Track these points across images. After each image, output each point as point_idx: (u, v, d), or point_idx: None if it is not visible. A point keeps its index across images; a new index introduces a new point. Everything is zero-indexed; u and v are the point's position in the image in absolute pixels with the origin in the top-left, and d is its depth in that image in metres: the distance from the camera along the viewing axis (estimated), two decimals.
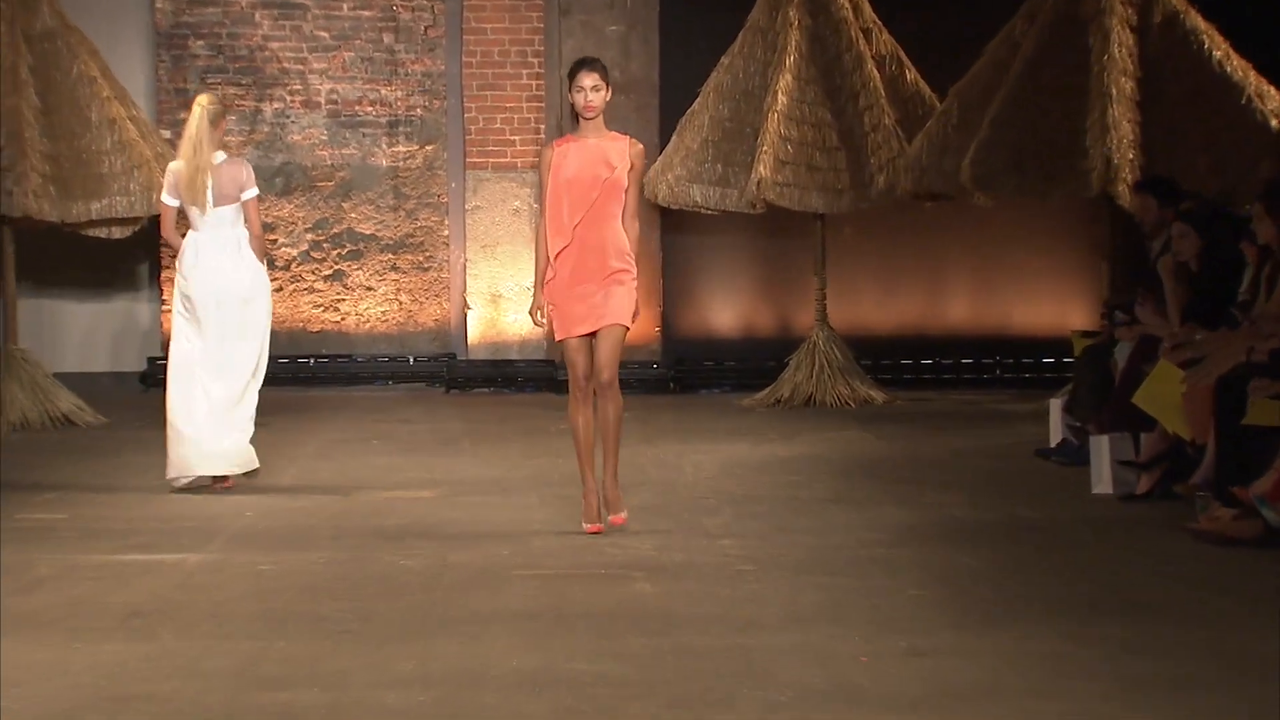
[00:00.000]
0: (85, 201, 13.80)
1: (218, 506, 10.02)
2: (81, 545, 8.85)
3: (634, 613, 7.29)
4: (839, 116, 14.92)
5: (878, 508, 9.88)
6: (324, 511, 9.91)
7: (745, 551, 8.66)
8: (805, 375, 14.87)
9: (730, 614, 7.33)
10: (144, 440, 12.82)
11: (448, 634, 7.00)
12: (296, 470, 11.43)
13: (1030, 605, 7.46)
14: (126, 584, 7.99)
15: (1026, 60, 13.58)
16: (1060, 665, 6.49)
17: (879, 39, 15.04)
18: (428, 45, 16.34)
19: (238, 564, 8.44)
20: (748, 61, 15.13)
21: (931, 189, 14.27)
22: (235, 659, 6.65)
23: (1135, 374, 10.16)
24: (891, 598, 7.63)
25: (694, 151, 15.08)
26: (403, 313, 16.38)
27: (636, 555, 8.46)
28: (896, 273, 16.34)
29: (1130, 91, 13.27)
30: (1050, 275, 16.21)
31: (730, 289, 16.46)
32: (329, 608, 7.49)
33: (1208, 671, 6.41)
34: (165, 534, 9.22)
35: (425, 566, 8.35)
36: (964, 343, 16.24)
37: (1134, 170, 12.88)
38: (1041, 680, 6.30)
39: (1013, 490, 10.48)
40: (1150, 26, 13.54)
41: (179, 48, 16.21)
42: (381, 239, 16.32)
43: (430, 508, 10.06)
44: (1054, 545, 8.86)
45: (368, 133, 16.34)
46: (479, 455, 12.14)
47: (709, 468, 11.44)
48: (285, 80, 16.29)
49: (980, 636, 6.90)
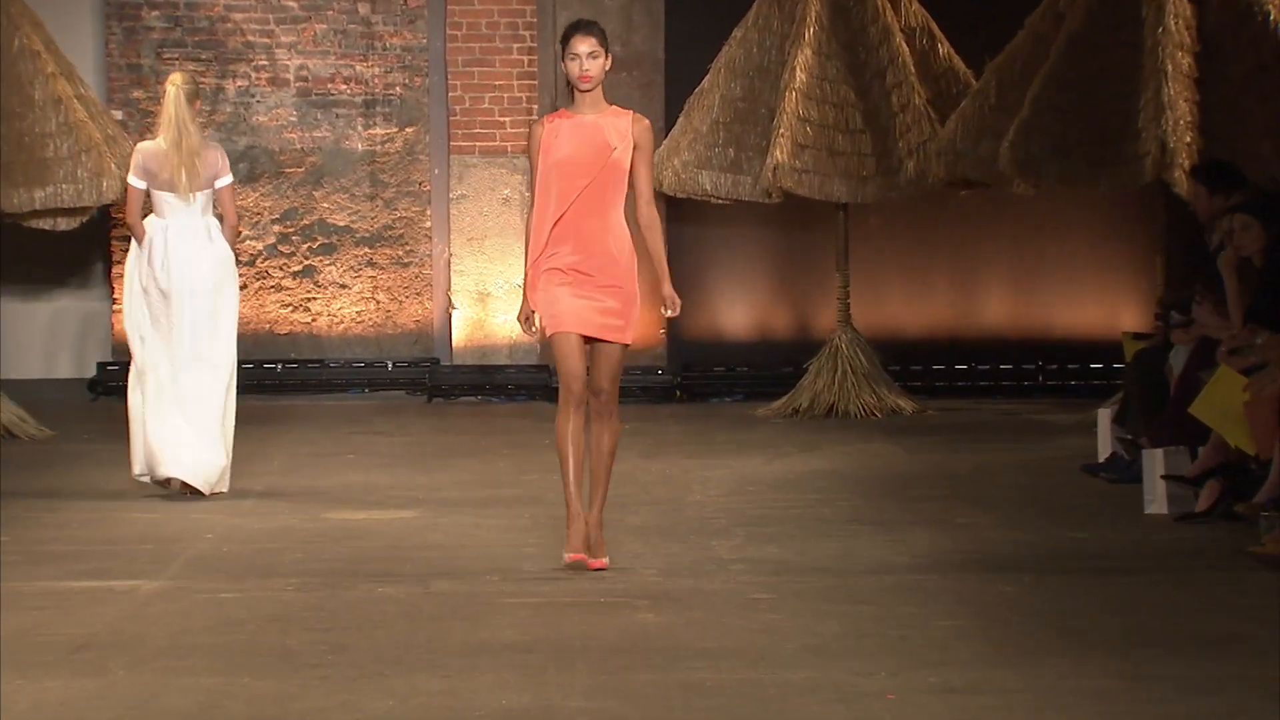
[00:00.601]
0: (28, 190, 13.80)
1: (175, 527, 10.03)
2: (24, 571, 8.85)
3: (637, 645, 7.30)
4: (864, 95, 14.94)
5: (906, 529, 9.89)
6: (293, 534, 9.92)
7: (759, 578, 8.67)
8: (826, 382, 14.89)
9: (743, 647, 7.35)
10: (93, 454, 12.83)
11: (430, 669, 7.02)
12: (263, 488, 11.44)
13: (1075, 639, 7.47)
14: (74, 614, 8.00)
15: (1072, 33, 13.61)
16: (1109, 706, 6.50)
17: (908, 9, 15.07)
18: (408, 17, 16.37)
19: (197, 592, 8.45)
20: (763, 34, 15.16)
21: (967, 175, 14.29)
22: (195, 697, 6.66)
23: (1193, 381, 10.17)
24: (921, 629, 7.64)
25: (703, 134, 15.11)
26: (380, 313, 16.41)
27: (639, 582, 8.47)
28: (927, 269, 16.36)
29: (1188, 68, 13.28)
30: (1098, 271, 16.23)
31: (743, 287, 16.48)
32: (299, 640, 7.50)
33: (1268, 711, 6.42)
34: (117, 558, 9.22)
35: (405, 594, 8.36)
36: (1002, 346, 16.26)
37: (1191, 155, 12.88)
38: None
39: (1056, 510, 10.49)
40: None
41: (131, 19, 16.24)
42: (357, 231, 16.36)
43: (410, 529, 10.07)
44: (1102, 571, 8.87)
45: (341, 113, 16.38)
46: (464, 471, 12.15)
47: (719, 485, 11.45)
48: (250, 55, 16.32)
49: (1019, 673, 6.92)
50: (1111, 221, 16.01)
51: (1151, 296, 14.33)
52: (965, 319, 16.39)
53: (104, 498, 11.07)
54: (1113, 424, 11.56)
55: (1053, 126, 13.46)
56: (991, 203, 15.58)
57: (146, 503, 10.86)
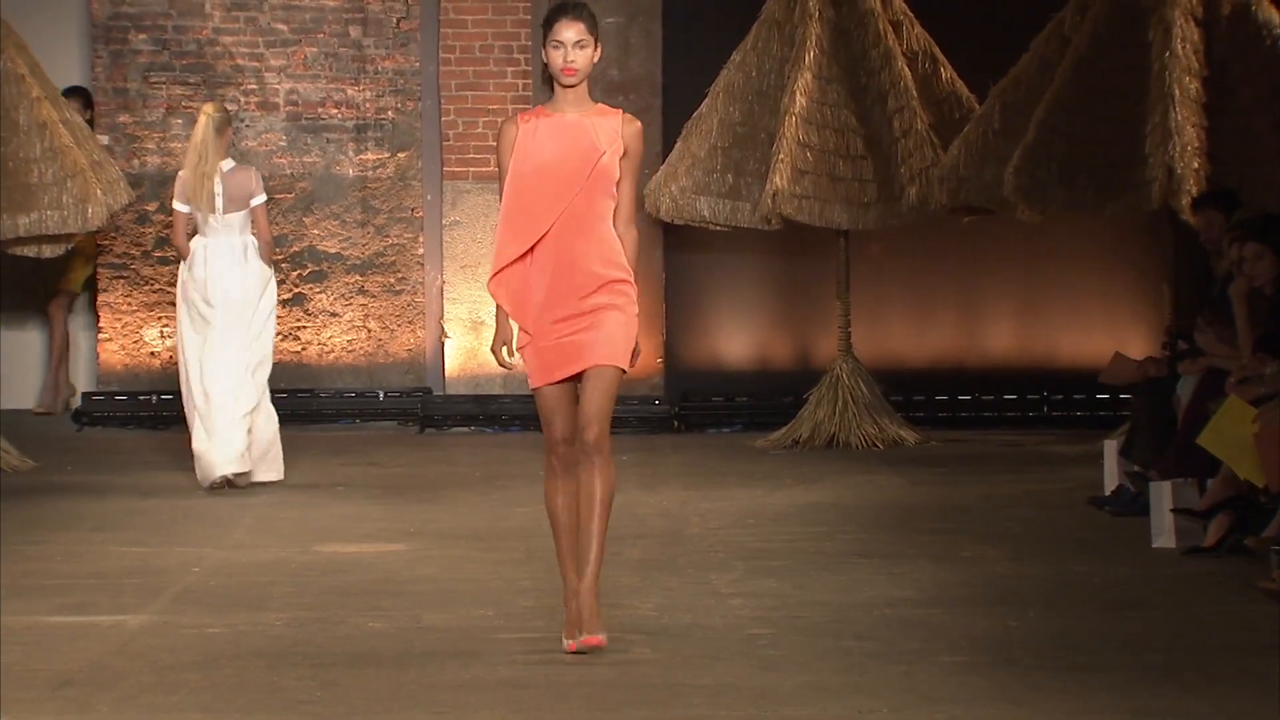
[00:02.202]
0: (11, 216, 13.76)
1: (161, 561, 10.02)
2: (6, 605, 8.83)
3: (634, 682, 7.28)
4: (865, 120, 14.95)
5: (910, 563, 9.88)
6: (282, 567, 9.90)
7: (760, 613, 8.66)
8: (827, 413, 14.88)
9: (743, 684, 7.34)
10: (78, 486, 12.81)
11: (422, 707, 7.00)
12: (251, 520, 11.43)
13: (1084, 675, 7.46)
14: (58, 649, 7.98)
15: (1078, 57, 13.61)
16: None
17: (910, 33, 15.08)
18: (400, 40, 16.39)
19: (184, 626, 8.43)
20: (762, 58, 15.16)
21: (970, 202, 14.29)
22: None
23: (1200, 412, 10.17)
24: (925, 665, 7.63)
25: (701, 160, 15.11)
26: (372, 342, 16.40)
27: (636, 617, 8.46)
28: (930, 297, 16.37)
29: (1196, 93, 13.28)
30: (1104, 300, 16.23)
31: (742, 315, 16.48)
32: (288, 677, 7.49)
33: None
34: (102, 591, 9.20)
35: (396, 630, 8.35)
36: (1007, 376, 16.25)
37: (1200, 182, 12.88)
38: None
39: (1063, 543, 10.48)
40: (1218, 19, 13.57)
41: (118, 42, 16.26)
42: (348, 258, 16.36)
43: (402, 563, 10.06)
44: (1109, 606, 8.86)
45: (332, 138, 16.38)
46: (458, 503, 12.13)
47: (718, 517, 11.44)
48: (239, 79, 16.33)
49: (1025, 710, 6.91)
50: (1118, 249, 16.01)
51: (1159, 325, 14.33)
52: (969, 348, 16.39)
53: (89, 530, 11.05)
54: (1119, 455, 11.56)
55: (1058, 152, 13.46)
56: (996, 230, 15.58)
57: (132, 535, 10.85)
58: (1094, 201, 13.60)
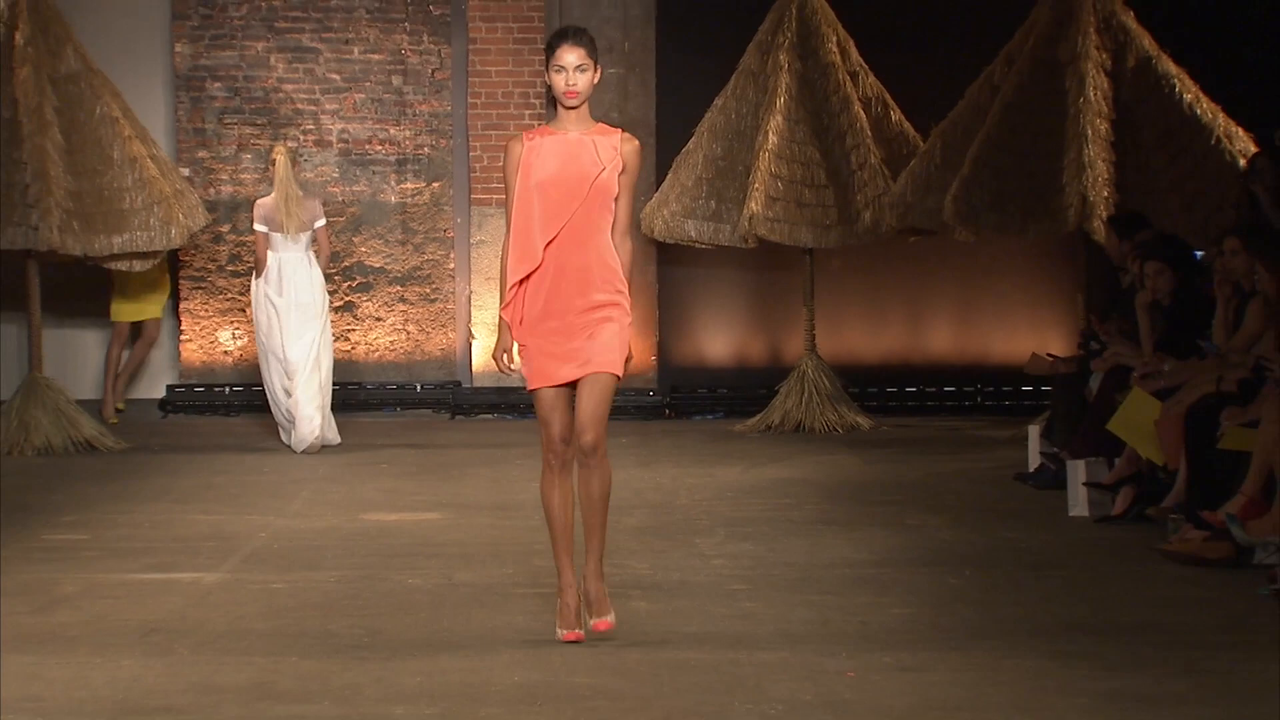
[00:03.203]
0: (107, 236, 13.77)
1: (233, 527, 10.00)
2: (102, 564, 8.82)
3: (631, 630, 7.27)
4: (827, 155, 14.92)
5: (865, 529, 9.86)
6: (335, 532, 9.90)
7: (737, 571, 8.65)
8: (795, 402, 14.86)
9: (723, 631, 7.32)
10: (162, 464, 12.81)
11: (453, 650, 6.99)
12: (308, 493, 11.42)
13: (1011, 624, 7.45)
14: (145, 601, 7.98)
15: (1006, 103, 13.60)
16: (1041, 682, 6.48)
17: (865, 82, 15.05)
18: (434, 87, 16.35)
19: (252, 583, 8.43)
20: (740, 103, 15.14)
21: (915, 225, 14.27)
22: (249, 674, 6.64)
23: (1108, 401, 10.16)
24: (878, 616, 7.61)
25: (689, 188, 15.09)
26: (410, 342, 16.36)
27: (633, 574, 8.45)
28: (882, 304, 16.35)
29: (1105, 133, 13.28)
30: (1028, 307, 16.21)
31: (723, 319, 16.45)
32: (339, 625, 7.48)
33: (1181, 688, 6.40)
34: (182, 553, 9.20)
35: (432, 585, 8.33)
36: (946, 371, 16.24)
37: (1108, 208, 12.89)
38: (1023, 696, 6.28)
39: (993, 513, 10.47)
40: (1124, 71, 13.57)
41: (197, 89, 16.22)
42: (390, 272, 16.32)
43: (436, 529, 10.05)
44: (1033, 566, 8.85)
45: (377, 170, 16.35)
46: (483, 478, 12.12)
47: (703, 491, 11.43)
48: (299, 120, 16.29)
49: (963, 653, 6.89)
50: (1040, 264, 15.98)
51: (1073, 329, 14.30)
52: (914, 347, 16.37)
53: (172, 501, 11.05)
54: (1041, 438, 11.54)
55: (989, 182, 13.45)
56: (937, 248, 15.56)
57: (208, 506, 10.85)
58: (1019, 224, 13.59)
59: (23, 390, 13.58)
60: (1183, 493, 9.22)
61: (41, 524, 10.08)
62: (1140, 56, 13.61)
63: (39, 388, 13.61)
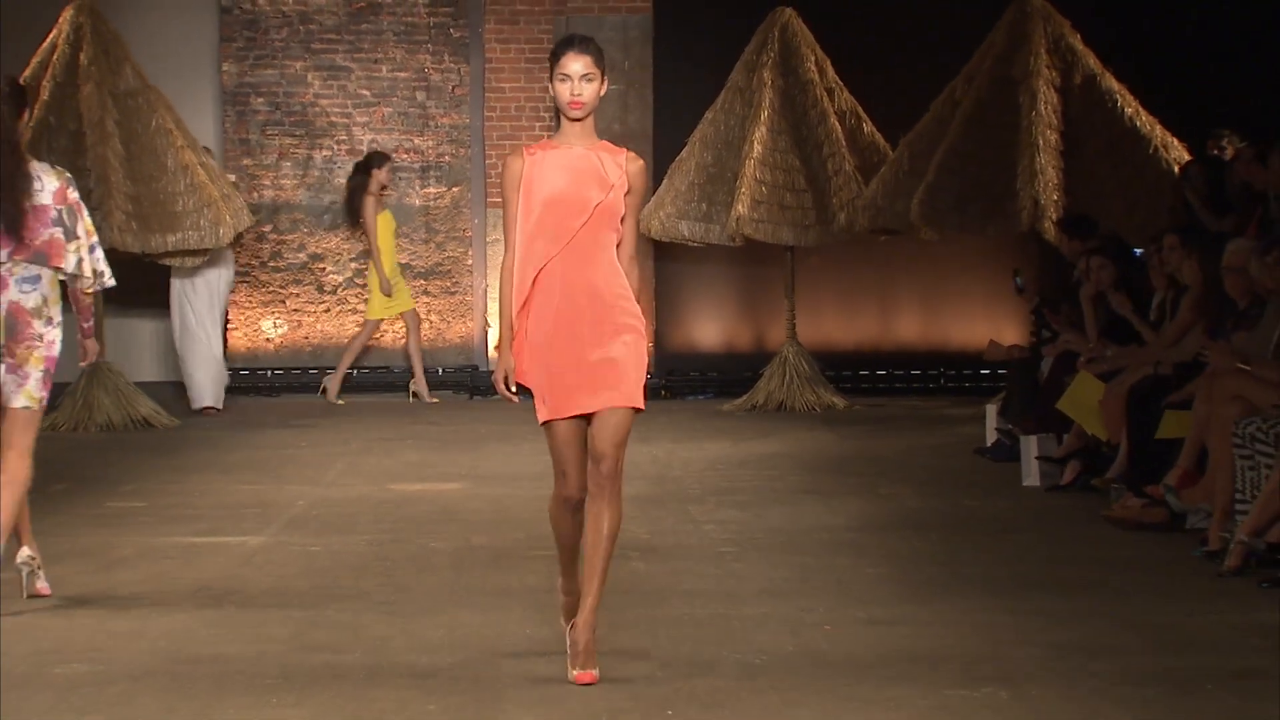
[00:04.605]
0: (162, 235, 13.78)
1: (275, 495, 10.00)
2: (157, 529, 8.82)
3: (632, 587, 7.28)
4: (806, 163, 14.90)
5: (840, 498, 9.87)
6: (366, 500, 9.90)
7: (726, 535, 8.65)
8: (777, 384, 14.85)
9: (713, 589, 7.32)
10: (212, 439, 12.81)
11: (471, 606, 6.99)
12: (342, 465, 11.43)
13: (970, 582, 7.46)
14: (196, 562, 7.98)
15: (966, 116, 13.58)
16: (997, 633, 6.48)
17: (840, 97, 15.03)
18: (454, 102, 16.32)
19: (292, 545, 8.43)
20: (728, 116, 15.11)
21: (885, 225, 14.25)
22: (290, 627, 6.64)
23: (1058, 383, 10.16)
24: (852, 575, 7.62)
25: (682, 193, 15.07)
26: (433, 330, 16.34)
27: (634, 538, 8.45)
28: (855, 296, 16.33)
29: (1055, 143, 13.28)
30: (986, 299, 16.19)
31: (713, 310, 16.44)
32: (370, 583, 7.48)
33: (1122, 639, 6.41)
34: (229, 519, 9.20)
35: (452, 548, 8.34)
36: (913, 356, 16.22)
37: (1057, 210, 12.89)
38: (981, 646, 6.29)
39: (955, 483, 10.48)
40: (1072, 87, 13.57)
41: (242, 104, 16.19)
42: (415, 267, 16.30)
43: (456, 498, 10.05)
44: (991, 530, 8.86)
45: (403, 176, 16.32)
46: (498, 453, 12.13)
47: (695, 463, 11.43)
48: (333, 132, 16.26)
49: (928, 608, 6.90)
50: (997, 260, 15.95)
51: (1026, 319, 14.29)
52: (884, 335, 16.35)
53: (219, 472, 11.05)
54: (997, 416, 11.54)
55: (951, 187, 13.43)
56: (905, 246, 15.54)
57: (252, 476, 10.84)
58: (978, 224, 13.58)
59: (86, 374, 13.58)
60: (1124, 465, 9.23)
61: (103, 493, 10.09)
62: (1086, 74, 13.61)
63: (101, 371, 13.61)
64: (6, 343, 6.71)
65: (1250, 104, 14.30)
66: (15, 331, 6.72)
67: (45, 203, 6.77)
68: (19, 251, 6.71)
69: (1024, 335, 13.44)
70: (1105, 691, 5.66)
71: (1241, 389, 7.96)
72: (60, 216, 6.81)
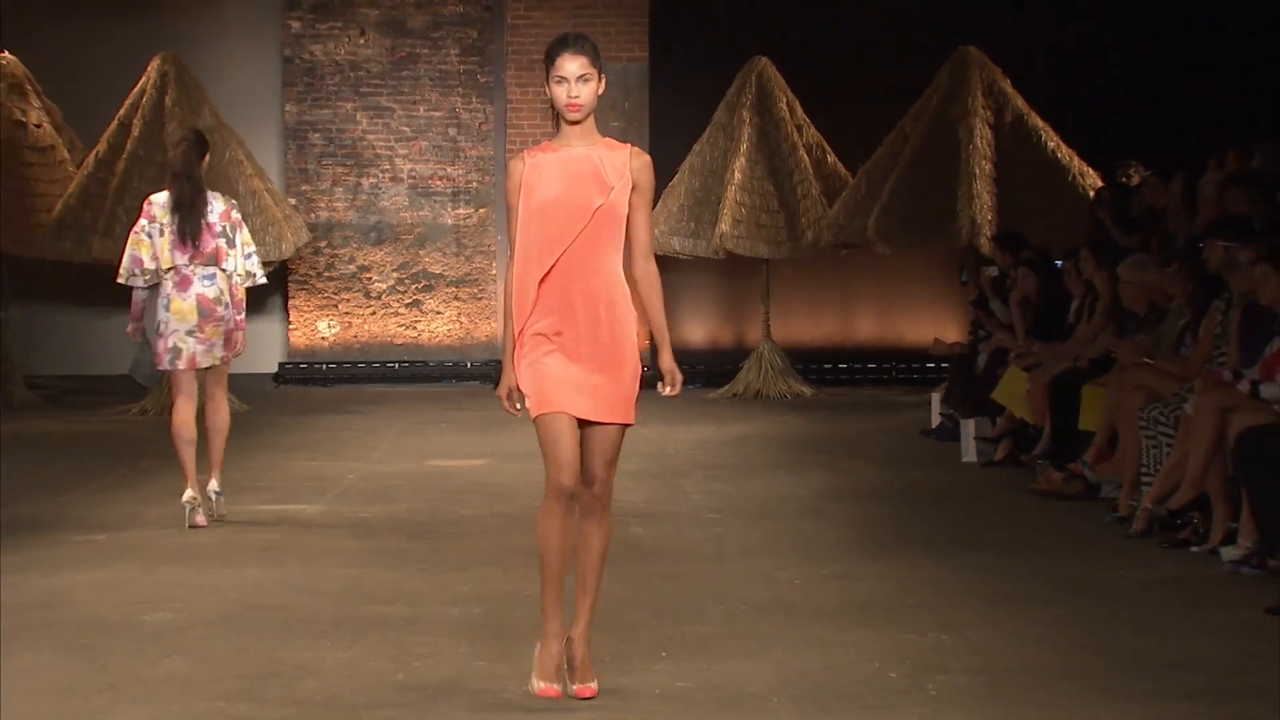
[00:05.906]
0: None
1: (328, 470, 10.01)
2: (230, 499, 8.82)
3: (630, 549, 7.28)
4: (779, 188, 14.91)
5: (808, 472, 9.87)
6: (406, 475, 9.90)
7: (712, 503, 8.66)
8: (755, 375, 14.86)
9: (700, 549, 7.33)
10: (277, 423, 12.81)
11: (495, 565, 7.00)
12: (386, 445, 11.43)
13: (917, 543, 7.46)
14: (263, 525, 7.99)
15: (914, 149, 13.62)
16: (940, 587, 6.49)
17: (808, 133, 15.04)
18: (481, 136, 16.32)
19: (344, 512, 8.44)
20: (713, 148, 15.12)
21: (846, 241, 14.27)
22: (342, 581, 6.65)
23: (992, 375, 10.17)
24: (818, 537, 7.62)
25: (674, 213, 15.07)
26: (462, 330, 16.35)
27: (632, 506, 8.45)
28: (821, 301, 16.34)
29: (989, 171, 13.32)
30: (931, 303, 16.20)
31: (700, 313, 16.44)
32: (411, 545, 7.49)
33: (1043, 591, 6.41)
34: (291, 491, 9.20)
35: (479, 515, 8.34)
36: (869, 352, 16.23)
37: (991, 228, 12.92)
38: (927, 597, 6.30)
39: (905, 460, 10.49)
40: (1003, 124, 13.61)
41: (302, 139, 16.19)
42: (447, 277, 16.30)
43: (482, 472, 10.05)
44: (934, 499, 8.86)
45: (437, 200, 16.32)
46: (519, 435, 12.10)
47: (685, 442, 11.44)
48: (378, 162, 16.27)
49: (883, 566, 6.90)
50: (941, 270, 15.97)
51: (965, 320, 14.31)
52: (846, 334, 16.35)
53: (282, 451, 11.05)
54: (941, 403, 11.55)
55: (901, 209, 13.46)
56: (863, 259, 15.55)
57: (310, 454, 10.84)
58: (925, 240, 13.61)
59: None
60: (1048, 444, 9.24)
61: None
62: (1015, 114, 13.65)
63: None
64: (199, 322, 7.92)
65: (1153, 138, 14.33)
66: (205, 314, 7.93)
67: (214, 220, 7.99)
68: (196, 257, 7.93)
69: (964, 334, 13.44)
70: (1032, 634, 5.67)
71: (1146, 380, 7.98)
72: (224, 230, 8.01)
